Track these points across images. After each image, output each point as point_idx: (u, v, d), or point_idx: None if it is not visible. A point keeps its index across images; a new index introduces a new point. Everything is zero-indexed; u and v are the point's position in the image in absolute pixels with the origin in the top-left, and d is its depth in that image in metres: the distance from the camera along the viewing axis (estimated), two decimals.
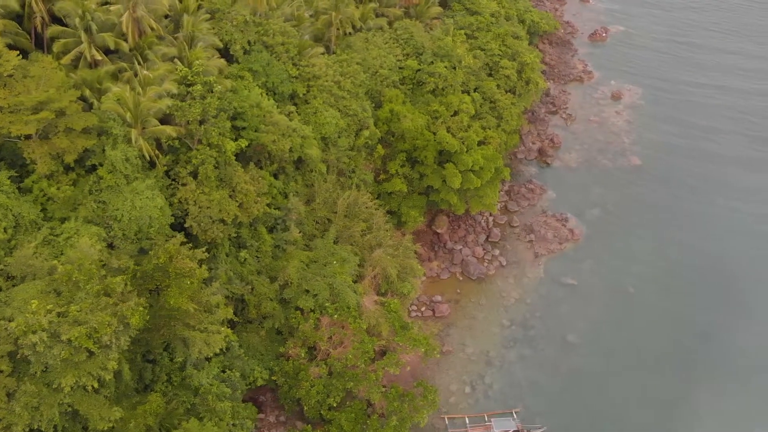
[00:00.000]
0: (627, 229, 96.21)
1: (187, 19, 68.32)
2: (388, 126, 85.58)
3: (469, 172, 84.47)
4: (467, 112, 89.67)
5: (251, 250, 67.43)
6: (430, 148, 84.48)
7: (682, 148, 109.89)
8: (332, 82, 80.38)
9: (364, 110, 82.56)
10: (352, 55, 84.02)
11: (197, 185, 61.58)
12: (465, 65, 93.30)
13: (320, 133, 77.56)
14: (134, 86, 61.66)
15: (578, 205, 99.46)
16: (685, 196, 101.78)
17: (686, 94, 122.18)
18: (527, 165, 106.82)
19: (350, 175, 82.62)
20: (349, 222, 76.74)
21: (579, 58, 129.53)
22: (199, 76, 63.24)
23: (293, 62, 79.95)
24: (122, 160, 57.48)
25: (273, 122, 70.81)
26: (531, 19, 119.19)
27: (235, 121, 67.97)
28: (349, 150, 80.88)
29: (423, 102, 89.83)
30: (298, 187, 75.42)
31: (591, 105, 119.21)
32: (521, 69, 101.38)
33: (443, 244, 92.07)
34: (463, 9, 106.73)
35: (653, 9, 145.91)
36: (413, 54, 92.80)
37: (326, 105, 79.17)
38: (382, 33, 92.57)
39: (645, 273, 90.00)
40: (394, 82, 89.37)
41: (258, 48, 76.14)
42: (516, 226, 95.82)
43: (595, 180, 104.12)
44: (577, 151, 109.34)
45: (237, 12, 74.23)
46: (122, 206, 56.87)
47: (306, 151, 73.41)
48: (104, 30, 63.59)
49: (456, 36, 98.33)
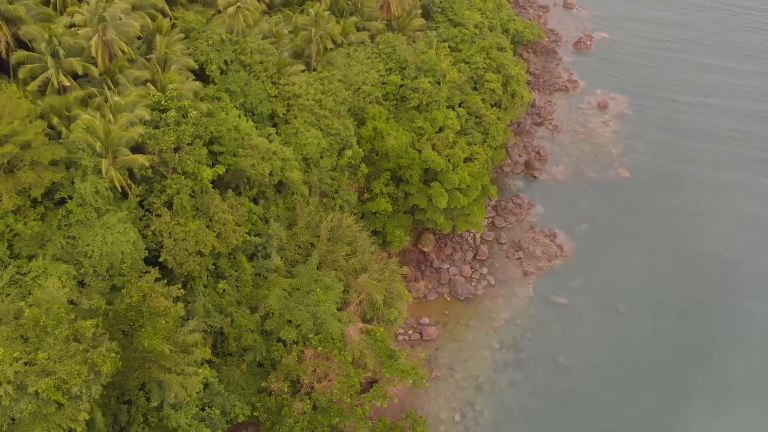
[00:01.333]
0: (617, 244, 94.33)
1: (160, 41, 65.55)
2: (372, 144, 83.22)
3: (455, 190, 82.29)
4: (452, 128, 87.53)
5: (230, 280, 64.76)
6: (415, 167, 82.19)
7: (670, 159, 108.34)
8: (313, 100, 77.87)
9: (346, 129, 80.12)
10: (334, 72, 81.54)
11: (172, 216, 58.84)
12: (449, 80, 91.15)
13: (301, 153, 75.10)
14: (105, 113, 58.86)
15: (567, 219, 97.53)
16: (674, 209, 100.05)
17: (672, 102, 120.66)
18: (514, 179, 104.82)
19: (333, 196, 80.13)
20: (333, 246, 74.23)
21: (564, 67, 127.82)
22: (173, 100, 60.58)
23: (272, 81, 77.38)
24: (92, 193, 54.68)
25: (252, 145, 68.19)
26: (515, 29, 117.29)
27: (212, 146, 65.31)
28: (331, 171, 78.38)
29: (407, 118, 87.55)
30: (279, 210, 72.85)
31: (577, 115, 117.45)
32: (506, 82, 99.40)
33: (430, 263, 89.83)
34: (446, 20, 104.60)
35: (637, 16, 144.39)
36: (396, 68, 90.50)
37: (307, 125, 76.66)
38: (364, 48, 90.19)
39: (636, 290, 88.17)
40: (377, 98, 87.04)
41: (235, 67, 73.48)
42: (504, 242, 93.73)
43: (583, 193, 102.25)
44: (565, 164, 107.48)
45: (213, 31, 71.52)
46: (93, 242, 54.05)
47: (287, 175, 70.86)
48: (72, 54, 60.70)
49: (440, 49, 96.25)
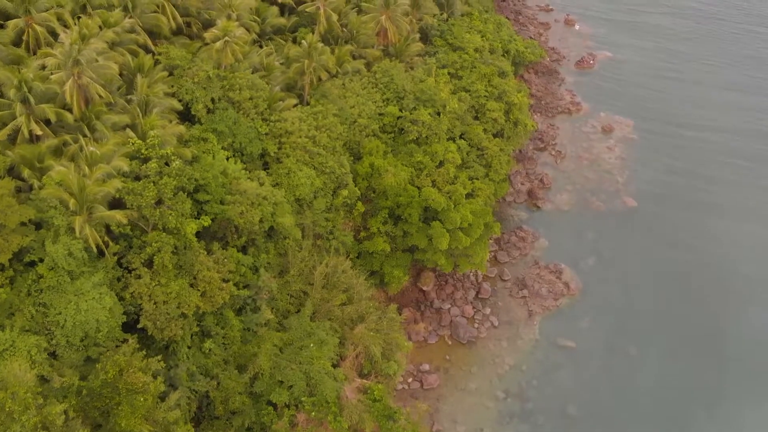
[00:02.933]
0: (625, 279, 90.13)
1: (141, 82, 61.16)
2: (369, 182, 78.91)
3: (457, 230, 77.98)
4: (453, 162, 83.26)
5: (217, 338, 60.23)
6: (414, 206, 77.84)
7: (678, 187, 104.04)
8: (306, 137, 73.53)
9: (341, 166, 75.78)
10: (328, 107, 77.21)
11: (153, 276, 54.42)
12: (450, 110, 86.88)
13: (294, 195, 70.76)
14: (80, 164, 54.40)
15: (572, 253, 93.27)
16: (684, 240, 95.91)
17: (679, 126, 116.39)
18: (516, 209, 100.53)
19: (328, 237, 75.76)
20: (328, 294, 69.79)
21: (566, 88, 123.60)
22: (155, 149, 56.28)
23: (263, 117, 73.05)
24: (65, 256, 50.26)
25: (240, 191, 63.82)
26: (516, 49, 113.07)
27: (197, 194, 60.87)
28: (326, 212, 74.03)
29: (406, 152, 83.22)
30: (270, 257, 68.36)
31: (581, 140, 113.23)
32: (509, 109, 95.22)
33: (430, 302, 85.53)
34: (445, 44, 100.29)
35: (640, 32, 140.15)
36: (394, 99, 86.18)
37: (300, 163, 72.30)
38: (360, 77, 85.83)
39: (646, 329, 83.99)
40: (374, 131, 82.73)
41: (223, 105, 69.10)
42: (507, 279, 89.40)
43: (588, 224, 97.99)
44: (569, 192, 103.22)
45: (199, 68, 67.12)
46: (65, 310, 49.64)
47: (278, 220, 66.52)
48: (45, 100, 56.27)
49: (439, 76, 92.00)
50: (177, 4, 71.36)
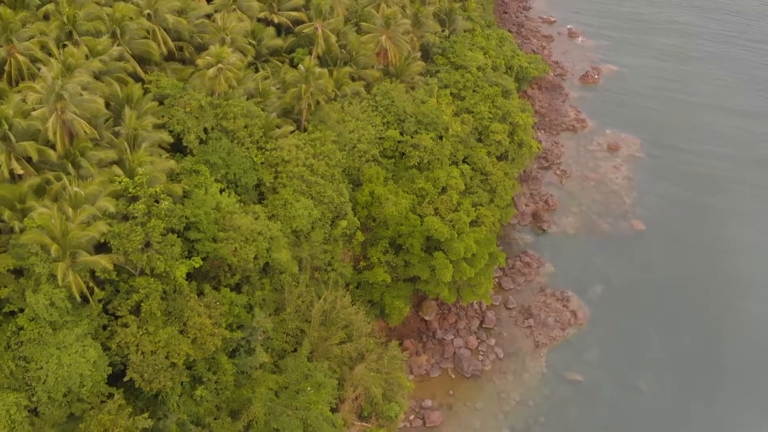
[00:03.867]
0: (634, 308, 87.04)
1: (129, 114, 58.10)
2: (369, 210, 75.93)
3: (461, 260, 75.00)
4: (456, 188, 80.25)
5: (209, 385, 57.16)
6: (416, 236, 74.88)
7: (687, 210, 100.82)
8: (303, 166, 70.49)
9: (340, 195, 72.78)
10: (327, 133, 74.16)
11: (140, 324, 51.42)
12: (452, 133, 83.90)
13: (291, 227, 67.74)
14: (63, 205, 51.40)
15: (579, 279, 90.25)
16: (695, 266, 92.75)
17: (687, 142, 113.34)
18: (521, 232, 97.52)
19: (326, 269, 72.81)
20: (326, 331, 66.87)
21: (571, 104, 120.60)
22: (143, 187, 53.26)
23: (258, 146, 70.03)
24: (46, 306, 47.27)
25: (234, 227, 60.81)
26: (519, 65, 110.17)
27: (188, 232, 57.85)
28: (324, 243, 71.04)
29: (407, 178, 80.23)
30: (266, 293, 65.28)
31: (586, 158, 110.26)
32: (513, 130, 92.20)
33: (432, 333, 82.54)
34: (447, 63, 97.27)
35: (646, 45, 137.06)
36: (395, 122, 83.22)
37: (297, 194, 69.26)
38: (360, 100, 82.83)
39: (656, 363, 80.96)
40: (374, 156, 79.74)
41: (216, 135, 66.09)
42: (512, 307, 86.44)
43: (596, 249, 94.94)
44: (575, 215, 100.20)
45: (191, 96, 64.08)
46: (47, 365, 46.67)
47: (274, 256, 63.48)
48: (26, 137, 53.23)
49: (441, 97, 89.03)
50: (168, 28, 68.31)
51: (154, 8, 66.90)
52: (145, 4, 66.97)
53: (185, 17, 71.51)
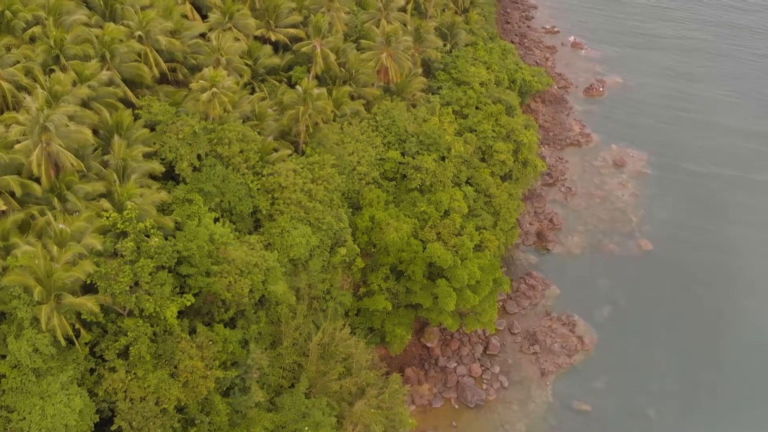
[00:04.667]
0: (642, 332, 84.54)
1: (118, 144, 55.58)
2: (369, 236, 73.42)
3: (464, 288, 72.48)
4: (459, 211, 77.76)
5: (202, 427, 54.60)
6: (418, 262, 72.38)
7: (695, 228, 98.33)
8: (301, 192, 67.97)
9: (339, 220, 70.25)
10: (326, 156, 71.67)
11: (129, 368, 48.91)
12: (455, 153, 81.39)
13: (288, 256, 65.22)
14: (47, 243, 48.90)
15: (585, 302, 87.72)
16: (702, 287, 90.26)
17: (695, 158, 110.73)
18: (525, 251, 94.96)
19: (325, 297, 70.29)
20: (324, 365, 64.26)
21: (575, 118, 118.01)
22: (132, 222, 50.74)
23: (254, 171, 67.56)
24: (29, 353, 44.76)
25: (228, 259, 58.30)
26: (522, 78, 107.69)
27: (179, 267, 55.31)
28: (322, 272, 68.52)
29: (408, 201, 77.74)
30: (261, 326, 62.73)
31: (592, 175, 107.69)
32: (517, 148, 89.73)
33: (434, 360, 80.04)
34: (449, 79, 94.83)
35: (651, 57, 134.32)
36: (396, 142, 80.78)
37: (295, 221, 66.74)
38: (359, 120, 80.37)
39: (666, 389, 78.56)
40: (374, 178, 77.29)
41: (210, 161, 63.57)
42: (517, 332, 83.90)
43: (602, 270, 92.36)
44: (580, 234, 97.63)
45: (183, 122, 61.56)
46: (30, 415, 44.22)
47: (270, 288, 60.98)
48: (10, 170, 50.74)
49: (443, 116, 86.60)
50: (160, 49, 65.82)
51: (145, 30, 64.41)
52: (136, 25, 64.46)
53: (178, 38, 69.01)
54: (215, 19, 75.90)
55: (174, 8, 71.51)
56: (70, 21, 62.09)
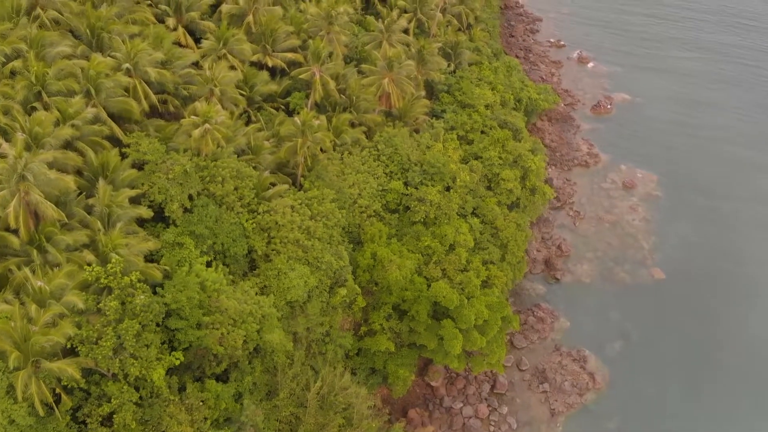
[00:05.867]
0: (656, 368, 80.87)
1: (104, 190, 52.01)
2: (371, 274, 69.86)
3: (471, 329, 68.96)
4: (465, 245, 74.23)
5: None
6: (422, 302, 68.85)
7: (710, 255, 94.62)
8: (299, 230, 64.42)
9: (339, 258, 66.68)
10: (325, 191, 68.11)
11: None
12: (460, 183, 77.86)
13: (285, 299, 61.69)
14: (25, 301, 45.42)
15: (597, 336, 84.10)
16: (718, 319, 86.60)
17: (708, 180, 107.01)
18: (533, 281, 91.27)
19: (324, 340, 66.75)
20: (323, 417, 60.61)
21: (582, 137, 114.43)
22: (117, 277, 47.24)
23: (249, 208, 64.01)
24: (4, 426, 41.25)
25: (220, 309, 54.78)
26: (528, 97, 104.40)
27: (168, 319, 51.78)
28: (321, 314, 64.96)
29: (412, 235, 74.21)
30: (256, 376, 59.12)
31: (600, 197, 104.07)
32: (524, 174, 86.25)
33: (439, 400, 76.46)
34: (453, 101, 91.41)
35: (660, 72, 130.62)
36: (398, 171, 77.27)
37: (292, 261, 63.17)
38: (360, 149, 76.85)
39: (681, 430, 74.92)
40: (376, 211, 73.77)
41: (203, 201, 59.99)
42: (525, 369, 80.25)
43: (613, 300, 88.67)
44: (590, 261, 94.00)
45: (174, 161, 58.00)
46: None
47: (266, 338, 57.46)
48: None
49: (447, 142, 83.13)
50: (150, 80, 62.27)
51: (133, 62, 60.82)
52: (124, 56, 60.87)
53: (169, 68, 65.42)
54: (209, 46, 72.41)
55: (165, 36, 67.91)
56: (54, 53, 58.52)
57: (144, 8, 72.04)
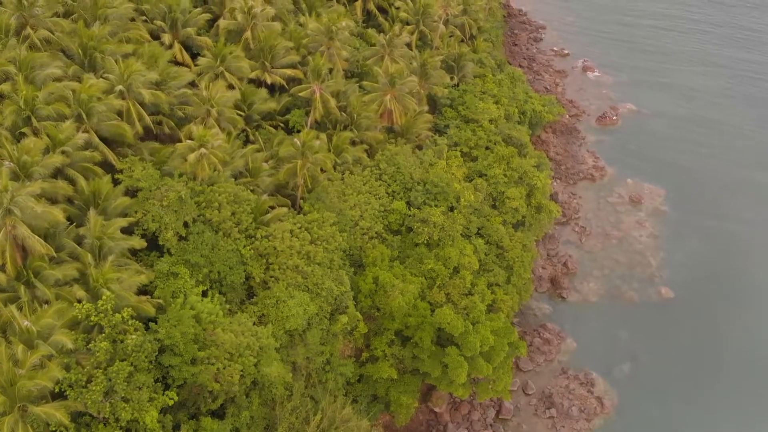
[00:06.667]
0: (665, 391, 78.67)
1: (95, 221, 49.92)
2: (372, 300, 67.76)
3: (477, 356, 66.87)
4: (470, 267, 72.12)
5: None
6: (426, 328, 66.79)
7: (719, 272, 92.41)
8: (298, 255, 62.28)
9: (340, 284, 64.60)
10: (326, 215, 65.98)
11: None
12: (465, 203, 75.75)
13: (284, 327, 59.61)
14: (12, 341, 43.36)
15: (604, 357, 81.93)
16: (729, 339, 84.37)
17: (717, 194, 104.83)
18: (538, 300, 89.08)
19: (324, 368, 64.64)
20: None
21: (588, 149, 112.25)
22: (107, 315, 45.17)
23: (247, 234, 61.92)
24: None
25: (216, 342, 52.68)
26: (532, 109, 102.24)
27: (162, 355, 49.71)
28: (321, 345, 62.85)
29: (415, 257, 72.10)
30: (254, 409, 56.98)
31: (607, 212, 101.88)
32: (530, 192, 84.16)
33: (443, 427, 74.33)
34: (456, 116, 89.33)
35: (666, 81, 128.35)
36: (401, 190, 75.20)
37: (291, 288, 61.06)
38: (362, 168, 74.81)
39: None
40: (377, 232, 71.67)
41: (198, 228, 57.90)
42: (531, 393, 78.14)
43: (620, 320, 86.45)
44: (597, 279, 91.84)
45: (168, 187, 55.90)
46: None
47: (264, 371, 55.35)
48: None
49: (451, 159, 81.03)
50: (144, 102, 60.15)
51: (127, 83, 58.71)
52: (117, 78, 58.76)
53: (164, 88, 63.31)
54: (206, 63, 70.32)
55: (160, 55, 65.84)
56: (43, 76, 56.43)
57: (138, 25, 69.97)
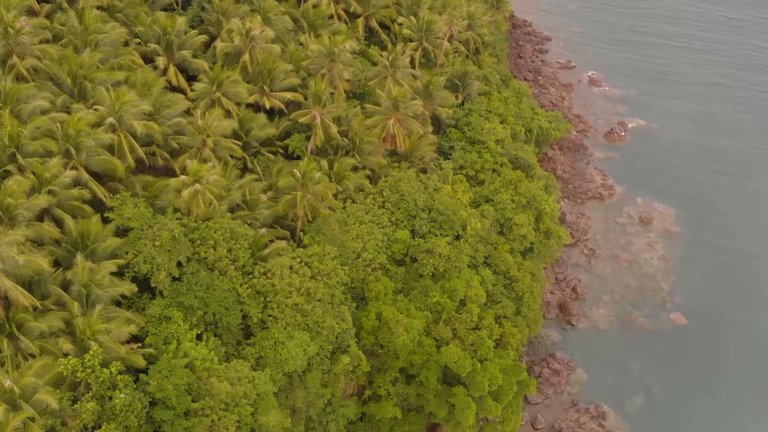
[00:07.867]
0: (679, 425, 76.02)
1: (82, 267, 47.12)
2: (375, 336, 64.91)
3: (485, 395, 64.05)
4: (477, 300, 69.25)
5: None
6: (431, 367, 63.95)
7: (733, 297, 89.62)
8: (298, 293, 59.38)
9: (342, 320, 61.75)
10: (327, 248, 63.10)
11: None
12: (471, 232, 72.90)
13: (282, 370, 56.75)
14: None
15: (615, 389, 79.23)
16: (744, 368, 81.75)
17: (729, 213, 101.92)
18: (546, 327, 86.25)
19: (325, 409, 61.85)
20: None
21: (596, 167, 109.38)
22: (94, 371, 42.38)
23: (244, 270, 59.07)
24: None
25: (210, 393, 49.83)
26: (539, 126, 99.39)
27: (153, 409, 46.91)
28: (322, 387, 60.01)
29: (419, 290, 69.20)
30: None
31: (617, 234, 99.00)
32: (538, 216, 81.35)
33: None
34: (462, 137, 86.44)
35: (676, 95, 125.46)
36: (405, 218, 72.34)
37: (291, 327, 58.20)
38: (364, 196, 71.97)
39: None
40: (381, 264, 68.80)
41: (192, 268, 55.05)
42: (541, 428, 75.46)
43: (632, 348, 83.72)
44: (607, 305, 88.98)
45: (161, 226, 53.06)
46: None
47: (261, 421, 52.49)
48: None
49: (456, 183, 78.18)
50: (136, 133, 57.29)
51: (118, 115, 55.89)
52: (108, 110, 55.91)
53: (158, 118, 60.49)
54: (202, 89, 67.46)
55: (154, 82, 63.04)
56: (30, 109, 53.62)
57: (131, 51, 67.15)
